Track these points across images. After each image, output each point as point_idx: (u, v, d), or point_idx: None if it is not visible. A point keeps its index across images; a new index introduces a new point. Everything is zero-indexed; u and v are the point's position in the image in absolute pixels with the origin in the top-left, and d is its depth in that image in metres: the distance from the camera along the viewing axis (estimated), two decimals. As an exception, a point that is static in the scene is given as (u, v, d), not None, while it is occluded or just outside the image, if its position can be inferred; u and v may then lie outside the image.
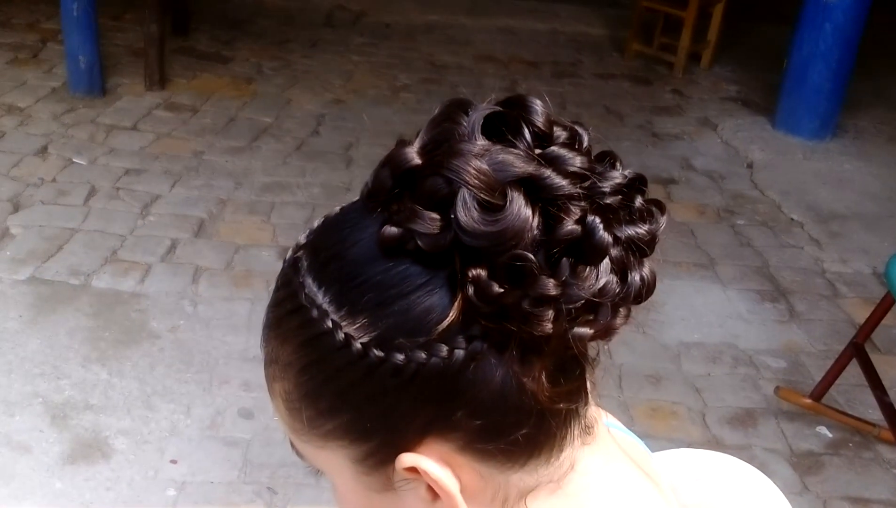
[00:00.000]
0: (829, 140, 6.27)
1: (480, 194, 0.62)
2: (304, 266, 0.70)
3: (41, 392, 3.40)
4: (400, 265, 0.65)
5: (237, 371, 3.58)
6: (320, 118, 5.91)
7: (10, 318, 3.76)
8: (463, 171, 0.62)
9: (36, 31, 6.76)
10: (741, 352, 3.99)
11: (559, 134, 0.67)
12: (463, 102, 0.67)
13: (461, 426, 0.67)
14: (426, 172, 0.64)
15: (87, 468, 3.11)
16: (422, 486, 0.70)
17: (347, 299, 0.66)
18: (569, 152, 0.65)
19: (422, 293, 0.65)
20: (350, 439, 0.70)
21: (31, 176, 4.83)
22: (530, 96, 0.67)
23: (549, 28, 8.08)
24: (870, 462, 3.46)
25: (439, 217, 0.63)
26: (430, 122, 0.67)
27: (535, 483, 0.72)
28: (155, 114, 5.71)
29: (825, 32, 6.01)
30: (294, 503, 3.06)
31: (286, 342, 0.71)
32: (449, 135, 0.65)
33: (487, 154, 0.63)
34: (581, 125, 0.68)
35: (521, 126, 0.66)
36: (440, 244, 0.63)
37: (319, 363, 0.69)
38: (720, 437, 3.50)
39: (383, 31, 7.68)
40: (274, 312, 0.73)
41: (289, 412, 0.74)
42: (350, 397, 0.68)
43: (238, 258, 4.31)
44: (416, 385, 0.65)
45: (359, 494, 0.74)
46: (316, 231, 0.73)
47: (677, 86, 7.10)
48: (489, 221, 0.62)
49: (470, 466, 0.69)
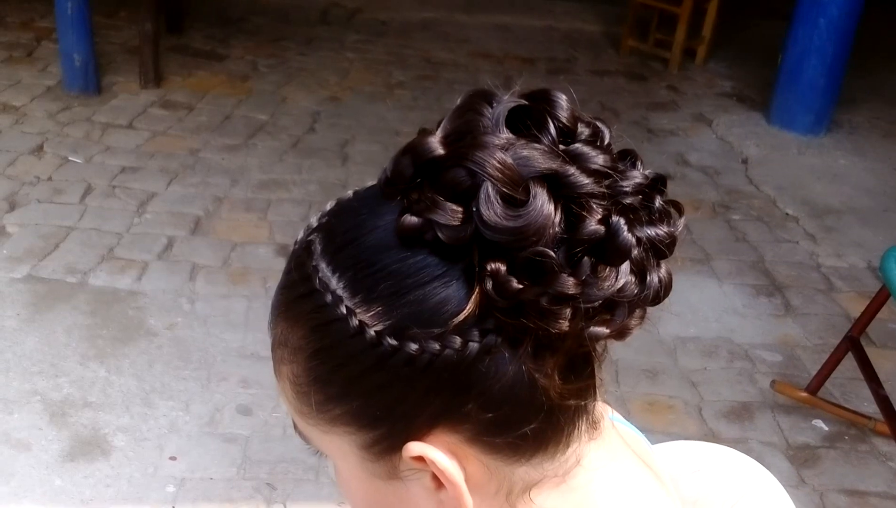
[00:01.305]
0: (824, 135, 6.28)
1: (504, 188, 0.61)
2: (318, 250, 0.69)
3: (40, 390, 3.40)
4: (417, 255, 0.65)
5: (235, 368, 3.59)
6: (316, 115, 5.91)
7: (8, 316, 3.76)
8: (487, 164, 0.62)
9: (30, 30, 6.75)
10: (737, 346, 4.00)
11: (582, 130, 0.66)
12: (487, 93, 0.66)
13: (471, 418, 0.67)
14: (449, 163, 0.63)
15: (86, 465, 3.12)
16: (427, 475, 0.70)
17: (363, 286, 0.66)
18: (592, 150, 0.65)
19: (438, 285, 0.64)
20: (358, 425, 0.70)
21: (27, 174, 4.83)
22: (555, 90, 0.66)
23: (544, 24, 8.09)
24: (866, 455, 3.48)
25: (461, 209, 0.62)
26: (453, 111, 0.66)
27: (540, 476, 0.72)
28: (150, 112, 5.71)
29: (819, 27, 6.02)
30: (293, 498, 3.07)
31: (297, 325, 0.70)
32: (472, 126, 0.65)
33: (512, 148, 0.63)
34: (603, 122, 0.68)
35: (545, 120, 0.65)
36: (460, 237, 0.63)
37: (331, 349, 0.68)
38: (717, 431, 3.51)
39: (379, 28, 7.68)
40: (285, 294, 0.72)
41: (296, 396, 0.73)
42: (361, 384, 0.68)
43: (235, 256, 4.32)
44: (429, 376, 0.65)
45: (362, 480, 0.74)
46: (330, 214, 0.72)
47: (672, 82, 7.10)
48: (511, 215, 0.61)
49: (477, 458, 0.69)
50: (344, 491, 0.79)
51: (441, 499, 0.71)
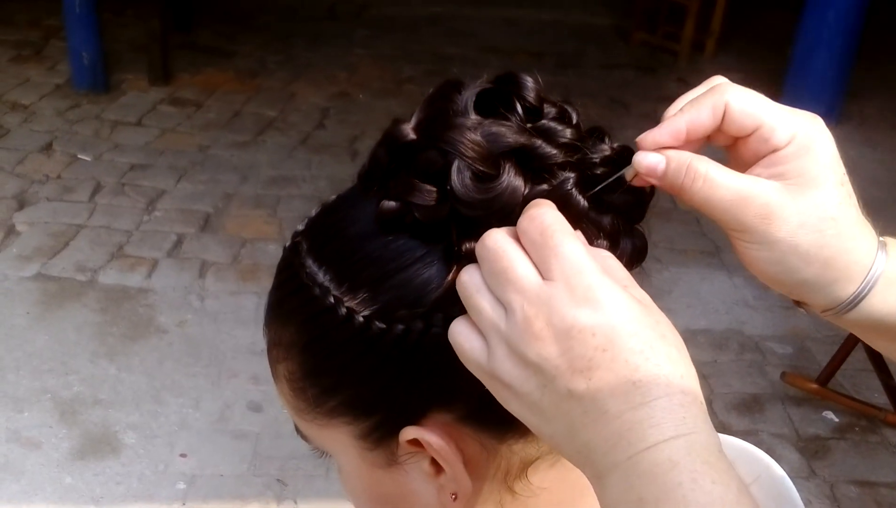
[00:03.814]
0: (834, 127, 5.94)
1: (475, 164, 0.64)
2: (304, 249, 0.71)
3: (50, 388, 3.41)
4: (398, 240, 0.67)
5: (245, 365, 3.59)
6: (325, 111, 5.91)
7: (18, 315, 3.77)
8: (458, 142, 0.64)
9: (38, 28, 6.77)
10: (747, 338, 4.00)
11: (549, 110, 0.68)
12: (456, 82, 0.68)
13: (462, 396, 0.68)
14: (421, 146, 0.66)
15: (96, 463, 3.13)
16: (425, 460, 0.70)
17: (348, 276, 0.68)
18: (559, 125, 0.67)
19: (420, 266, 0.66)
20: (354, 415, 0.72)
21: (37, 173, 4.85)
22: (522, 73, 0.68)
23: (553, 18, 8.07)
24: (876, 446, 3.47)
25: (436, 189, 0.65)
26: (424, 101, 0.69)
27: (536, 453, 0.73)
28: (159, 109, 5.72)
29: (828, 20, 5.99)
30: (304, 495, 3.07)
31: (288, 322, 0.73)
32: (443, 112, 0.67)
33: (481, 127, 0.65)
34: (570, 103, 0.70)
35: (513, 101, 0.67)
36: (437, 216, 0.65)
37: (322, 340, 0.70)
38: (727, 423, 3.50)
39: (387, 23, 7.67)
40: (275, 294, 0.75)
41: (293, 393, 0.75)
42: (353, 371, 0.69)
43: (245, 252, 4.32)
44: (418, 356, 0.66)
45: (364, 472, 0.75)
46: (314, 218, 0.74)
47: (682, 75, 7.08)
48: (483, 189, 0.64)
49: (472, 437, 0.70)
50: (348, 490, 0.80)
51: (441, 484, 0.71)
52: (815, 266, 0.65)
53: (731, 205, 0.63)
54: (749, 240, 0.65)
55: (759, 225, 0.64)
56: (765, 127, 0.65)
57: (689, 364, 0.60)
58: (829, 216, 0.64)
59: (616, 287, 0.59)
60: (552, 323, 0.58)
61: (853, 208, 0.65)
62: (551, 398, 0.59)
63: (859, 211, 0.66)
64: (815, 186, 0.63)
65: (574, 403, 0.58)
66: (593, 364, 0.57)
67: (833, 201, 0.64)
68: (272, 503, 3.04)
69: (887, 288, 0.67)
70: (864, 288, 0.66)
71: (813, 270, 0.65)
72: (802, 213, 0.63)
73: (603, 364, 0.57)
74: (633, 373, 0.57)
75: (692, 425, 0.57)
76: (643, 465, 0.56)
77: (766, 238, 0.64)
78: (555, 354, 0.58)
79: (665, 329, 0.59)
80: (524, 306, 0.59)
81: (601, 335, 0.57)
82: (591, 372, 0.57)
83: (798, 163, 0.63)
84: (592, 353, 0.57)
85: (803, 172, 0.63)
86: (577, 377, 0.57)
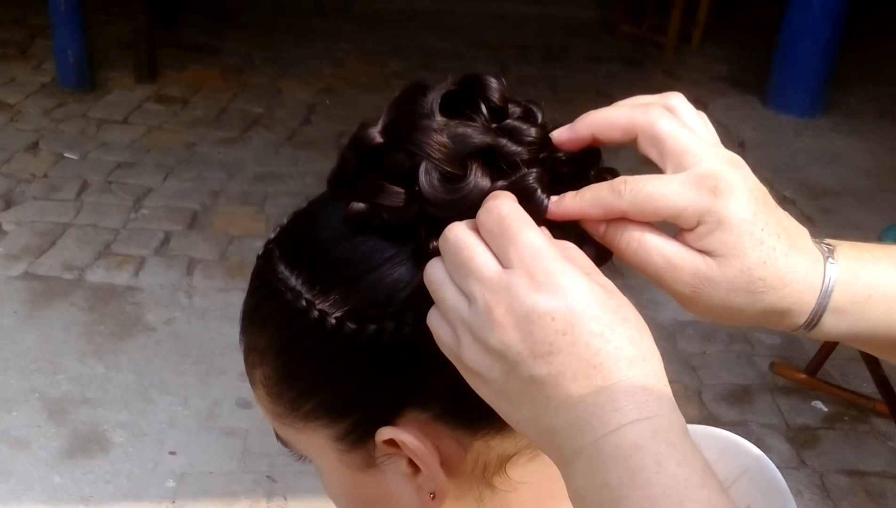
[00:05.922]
0: (820, 117, 6.27)
1: (442, 165, 0.64)
2: (276, 255, 0.72)
3: (38, 388, 3.40)
4: (368, 241, 0.68)
5: (234, 362, 3.59)
6: (312, 107, 5.90)
7: (5, 314, 3.76)
8: (424, 144, 0.65)
9: (23, 27, 6.74)
10: (736, 329, 4.00)
11: (514, 110, 0.69)
12: (422, 86, 0.69)
13: (436, 393, 0.68)
14: (389, 149, 0.67)
15: (85, 461, 3.12)
16: (403, 460, 0.71)
17: (319, 279, 0.69)
18: (524, 124, 0.67)
19: (390, 266, 0.67)
20: (330, 417, 0.72)
21: (23, 172, 4.83)
22: (486, 75, 0.69)
23: (539, 12, 8.07)
24: (865, 435, 3.48)
25: (404, 191, 0.65)
26: (390, 104, 0.70)
27: (514, 448, 0.73)
28: (145, 107, 5.70)
29: (813, 10, 6.01)
30: (294, 491, 3.07)
31: (263, 328, 0.73)
32: (409, 115, 0.67)
33: (447, 128, 0.66)
34: (536, 103, 0.70)
35: (477, 103, 0.68)
36: (406, 217, 0.65)
37: (296, 343, 0.70)
38: (716, 414, 3.51)
39: (373, 18, 7.66)
40: (249, 302, 0.76)
41: (270, 398, 0.76)
42: (328, 373, 0.70)
43: (232, 249, 4.31)
44: (390, 355, 0.67)
45: (342, 474, 0.76)
46: (286, 225, 0.75)
47: (668, 66, 7.10)
48: (450, 189, 0.64)
49: (448, 435, 0.70)
50: (329, 493, 0.80)
51: (419, 484, 0.71)
52: (756, 315, 0.65)
53: (663, 271, 0.64)
54: (684, 303, 0.66)
55: (692, 292, 0.65)
56: (670, 215, 0.63)
57: (653, 347, 0.61)
58: (755, 278, 0.63)
59: (576, 272, 0.59)
60: (512, 310, 0.58)
61: (781, 253, 0.64)
62: (515, 385, 0.59)
63: (792, 237, 0.66)
64: (734, 255, 0.63)
65: (537, 388, 0.58)
66: (554, 349, 0.57)
67: (756, 263, 0.63)
68: (262, 499, 3.04)
69: (843, 295, 0.67)
70: (818, 309, 0.66)
71: (757, 316, 0.66)
72: (730, 281, 0.63)
73: (564, 348, 0.57)
74: (593, 356, 0.57)
75: (655, 407, 0.57)
76: (606, 449, 0.56)
77: (700, 301, 0.65)
78: (516, 340, 0.58)
79: (627, 312, 0.60)
80: (485, 294, 0.59)
81: (561, 318, 0.57)
82: (552, 356, 0.57)
83: (713, 238, 0.63)
84: (553, 337, 0.57)
85: (720, 245, 0.63)
86: (538, 362, 0.58)
